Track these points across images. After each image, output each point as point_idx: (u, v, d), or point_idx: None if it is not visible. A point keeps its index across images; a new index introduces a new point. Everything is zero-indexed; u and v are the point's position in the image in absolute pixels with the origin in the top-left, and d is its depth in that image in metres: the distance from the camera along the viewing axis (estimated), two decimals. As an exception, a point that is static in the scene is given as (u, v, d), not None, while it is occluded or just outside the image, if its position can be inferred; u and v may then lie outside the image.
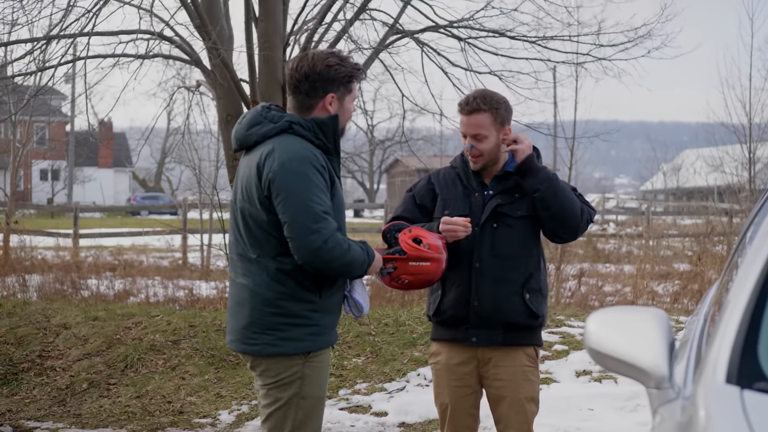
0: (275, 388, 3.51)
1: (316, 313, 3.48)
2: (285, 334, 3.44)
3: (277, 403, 3.51)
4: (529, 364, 3.94)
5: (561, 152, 20.23)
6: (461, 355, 3.96)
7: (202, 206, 18.02)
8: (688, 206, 30.52)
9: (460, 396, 3.99)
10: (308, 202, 3.34)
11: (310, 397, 3.50)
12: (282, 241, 3.41)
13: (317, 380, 3.52)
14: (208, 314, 9.09)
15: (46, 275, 13.08)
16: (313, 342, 3.48)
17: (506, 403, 3.92)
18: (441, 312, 3.99)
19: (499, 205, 3.90)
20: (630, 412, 6.61)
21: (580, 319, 8.86)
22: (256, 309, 3.46)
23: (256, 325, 3.47)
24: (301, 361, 3.48)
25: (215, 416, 6.96)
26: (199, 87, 12.23)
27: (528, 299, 3.89)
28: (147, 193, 57.89)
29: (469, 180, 4.00)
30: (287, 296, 3.44)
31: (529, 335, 3.96)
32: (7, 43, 9.42)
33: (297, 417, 3.49)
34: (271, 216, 3.41)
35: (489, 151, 3.92)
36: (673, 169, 49.98)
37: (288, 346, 3.45)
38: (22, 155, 25.93)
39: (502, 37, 10.22)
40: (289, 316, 3.44)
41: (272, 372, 3.51)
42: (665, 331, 2.44)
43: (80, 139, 47.39)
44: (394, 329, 8.47)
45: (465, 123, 3.93)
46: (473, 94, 3.99)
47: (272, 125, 3.47)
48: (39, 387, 7.68)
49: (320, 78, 3.48)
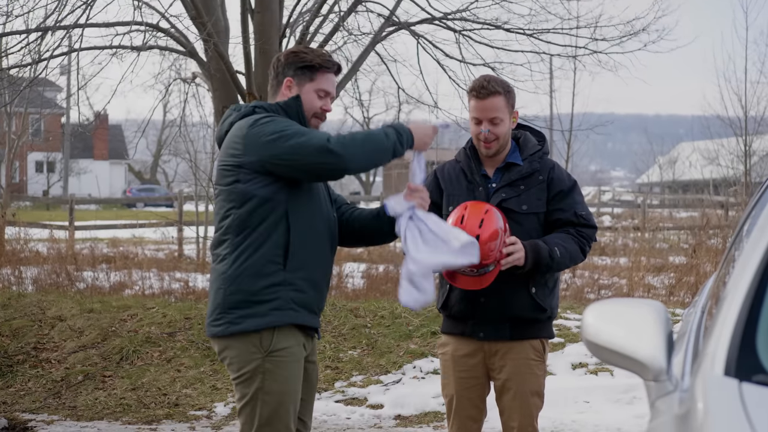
0: (240, 384, 3.45)
1: (280, 288, 3.41)
2: (246, 311, 3.40)
3: (243, 398, 3.45)
4: (534, 357, 3.92)
5: (557, 145, 20.25)
6: (468, 347, 3.94)
7: (197, 198, 18.00)
8: (683, 199, 30.56)
9: (466, 387, 3.97)
10: (285, 131, 3.36)
11: (274, 393, 3.41)
12: (242, 217, 3.40)
13: (280, 375, 3.42)
14: (204, 306, 9.07)
15: (41, 267, 13.05)
16: (275, 317, 3.40)
17: (510, 396, 3.91)
18: (448, 306, 3.97)
19: (503, 199, 3.87)
20: (626, 405, 6.62)
21: (576, 311, 8.86)
22: (220, 290, 3.44)
23: (220, 307, 3.44)
24: (260, 355, 3.39)
25: (211, 408, 6.96)
26: (195, 79, 12.22)
27: (534, 293, 3.86)
28: (143, 186, 57.80)
29: (473, 174, 3.96)
30: (250, 274, 3.40)
31: (536, 328, 3.93)
32: (2, 34, 9.40)
33: (263, 413, 3.41)
34: (237, 185, 3.42)
35: (503, 135, 3.89)
36: (669, 162, 50.02)
37: (249, 322, 3.39)
38: (18, 147, 25.88)
39: (498, 29, 10.21)
40: (251, 293, 3.40)
41: (235, 366, 3.44)
42: (663, 324, 2.42)
43: (76, 131, 47.37)
44: (390, 321, 8.46)
45: (480, 108, 3.86)
46: (484, 78, 3.94)
47: (237, 113, 3.54)
48: (34, 379, 7.67)
49: (282, 65, 3.59)
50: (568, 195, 3.92)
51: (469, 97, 3.94)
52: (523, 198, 3.88)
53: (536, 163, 3.96)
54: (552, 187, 3.92)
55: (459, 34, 10.17)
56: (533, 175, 3.93)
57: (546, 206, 3.91)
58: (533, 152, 3.98)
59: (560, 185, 3.93)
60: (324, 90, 3.59)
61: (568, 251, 3.82)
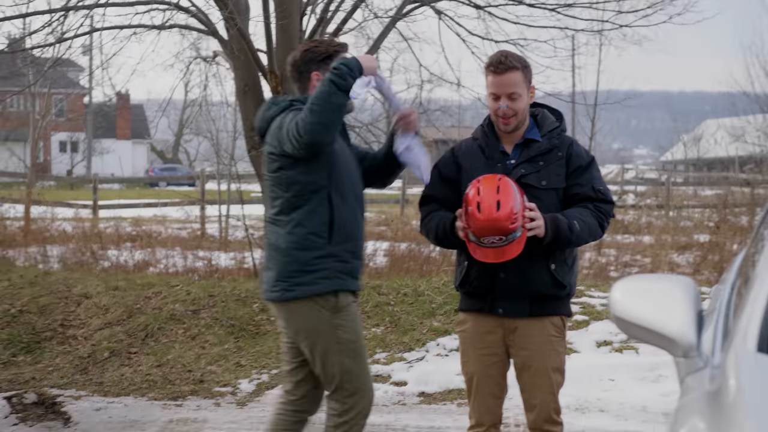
0: (312, 343, 3.95)
1: (326, 259, 3.89)
2: (299, 279, 3.89)
3: (321, 354, 3.95)
4: (555, 334, 3.90)
5: (581, 122, 20.11)
6: (488, 324, 3.92)
7: (219, 177, 18.00)
8: (708, 177, 30.35)
9: (487, 364, 3.95)
10: (283, 126, 3.85)
11: (350, 342, 3.94)
12: (290, 199, 3.91)
13: (350, 327, 3.95)
14: (227, 284, 9.11)
15: (66, 246, 13.15)
16: (324, 285, 3.88)
17: (531, 372, 3.89)
18: (467, 283, 3.95)
19: (523, 175, 3.84)
20: (651, 383, 6.59)
21: (600, 289, 8.83)
22: (277, 261, 3.96)
23: (277, 275, 3.94)
24: (329, 314, 3.90)
25: (235, 385, 6.99)
26: (216, 58, 12.18)
27: (554, 269, 3.83)
28: (165, 165, 57.96)
29: (491, 150, 3.94)
30: (300, 247, 3.88)
31: (556, 305, 3.91)
32: (25, 14, 9.40)
33: (344, 362, 3.94)
34: (282, 172, 3.90)
35: (522, 111, 3.86)
36: (694, 140, 49.63)
37: (301, 290, 3.88)
38: (41, 127, 26.02)
39: (521, 4, 10.10)
40: (303, 263, 3.88)
41: (302, 327, 3.95)
42: (693, 300, 2.40)
43: (98, 111, 47.47)
44: (413, 299, 8.46)
45: (498, 83, 3.83)
46: (501, 53, 3.91)
47: (276, 107, 4.00)
48: (61, 355, 7.73)
49: (302, 62, 4.04)
50: (586, 170, 3.90)
51: (486, 73, 3.90)
52: (543, 174, 3.86)
53: (555, 139, 3.93)
54: (571, 163, 3.89)
55: (482, 10, 10.07)
56: (552, 151, 3.90)
57: (565, 182, 3.88)
58: (552, 129, 3.96)
59: (579, 161, 3.90)
60: None
61: (588, 225, 3.80)
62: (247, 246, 11.36)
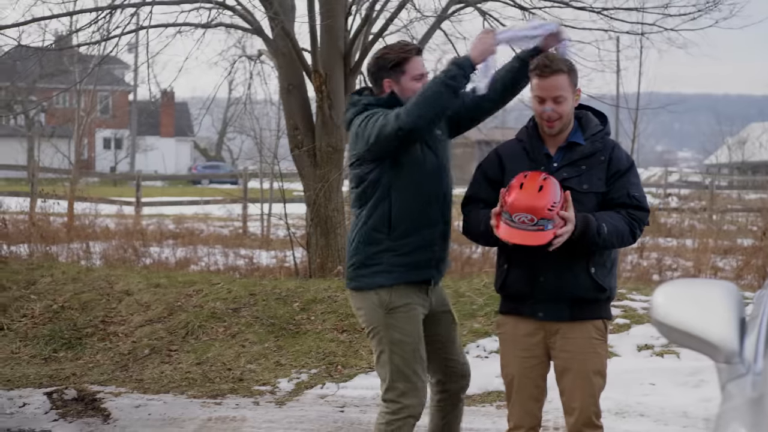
0: (371, 338, 4.17)
1: (384, 254, 4.07)
2: (361, 272, 4.13)
3: (376, 351, 4.15)
4: (597, 336, 3.87)
5: (623, 124, 19.97)
6: (528, 326, 3.91)
7: (262, 176, 18.12)
8: (753, 180, 29.97)
9: (527, 367, 3.93)
10: (367, 125, 4.02)
11: (399, 343, 4.06)
12: (359, 195, 4.13)
13: (401, 328, 4.06)
14: (268, 282, 9.14)
15: (109, 242, 13.29)
16: (381, 278, 4.07)
17: (572, 375, 3.86)
18: (507, 286, 3.95)
19: (565, 179, 3.81)
20: (693, 388, 6.51)
21: (642, 293, 8.75)
22: (349, 252, 4.23)
23: (349, 265, 4.22)
24: (383, 312, 4.06)
25: (275, 384, 7.01)
26: (261, 56, 12.27)
27: (594, 273, 3.81)
28: (208, 163, 58.42)
29: (535, 152, 3.93)
30: (363, 241, 4.12)
31: (596, 309, 3.88)
32: (72, 12, 9.52)
33: (393, 361, 4.07)
34: (355, 170, 4.14)
35: (567, 114, 3.85)
36: (739, 143, 49.09)
37: (361, 281, 4.14)
38: (86, 124, 26.32)
39: (567, 7, 10.05)
40: (366, 257, 4.11)
41: (364, 320, 4.18)
42: (736, 305, 2.37)
43: (143, 108, 47.92)
44: (454, 300, 8.41)
45: (544, 86, 3.82)
46: (546, 56, 3.90)
47: (354, 108, 4.20)
48: (102, 352, 7.81)
49: (376, 70, 4.21)
50: (624, 175, 3.88)
51: (531, 76, 3.90)
52: (584, 178, 3.84)
53: (598, 143, 3.92)
54: (611, 167, 3.87)
55: (528, 12, 10.03)
56: (595, 155, 3.88)
57: (605, 186, 3.86)
58: (595, 132, 3.94)
59: (618, 165, 3.88)
60: (417, 75, 4.15)
61: (617, 230, 3.77)
62: (289, 245, 11.40)
